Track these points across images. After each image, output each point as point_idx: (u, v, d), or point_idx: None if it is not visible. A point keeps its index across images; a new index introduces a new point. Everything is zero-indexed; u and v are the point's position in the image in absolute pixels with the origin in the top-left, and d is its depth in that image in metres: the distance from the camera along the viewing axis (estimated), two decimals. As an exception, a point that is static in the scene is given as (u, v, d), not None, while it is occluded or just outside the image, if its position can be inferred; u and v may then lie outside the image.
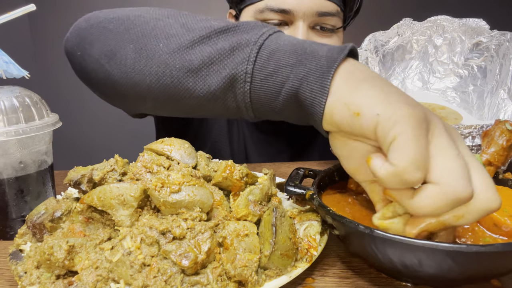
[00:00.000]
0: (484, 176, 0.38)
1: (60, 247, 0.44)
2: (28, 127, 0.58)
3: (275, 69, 0.46)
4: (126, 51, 0.55)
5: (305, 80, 0.44)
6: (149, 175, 0.53)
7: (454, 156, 0.37)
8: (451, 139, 0.38)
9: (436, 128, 0.38)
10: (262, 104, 0.49)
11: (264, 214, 0.51)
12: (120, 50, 0.56)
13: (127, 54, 0.55)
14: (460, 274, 0.41)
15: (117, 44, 0.56)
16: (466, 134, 0.68)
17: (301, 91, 0.45)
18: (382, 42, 0.99)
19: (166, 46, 0.52)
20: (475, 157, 0.42)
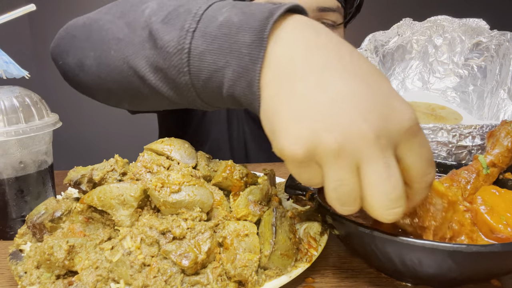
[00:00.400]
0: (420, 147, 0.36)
1: (60, 247, 0.44)
2: (28, 127, 0.58)
3: (208, 76, 0.44)
4: (90, 60, 0.56)
5: (237, 85, 0.41)
6: (149, 175, 0.53)
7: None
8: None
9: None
10: (213, 103, 0.49)
11: (264, 214, 0.51)
12: (85, 59, 0.57)
13: (91, 63, 0.56)
14: (460, 274, 0.41)
15: (82, 53, 0.58)
16: (466, 134, 0.68)
17: (237, 96, 0.42)
18: (382, 42, 0.99)
19: (117, 53, 0.52)
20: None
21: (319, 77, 0.36)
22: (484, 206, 0.47)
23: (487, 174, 0.57)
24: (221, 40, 0.42)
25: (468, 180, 0.57)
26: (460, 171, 0.58)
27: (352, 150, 0.33)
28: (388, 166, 0.34)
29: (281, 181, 0.72)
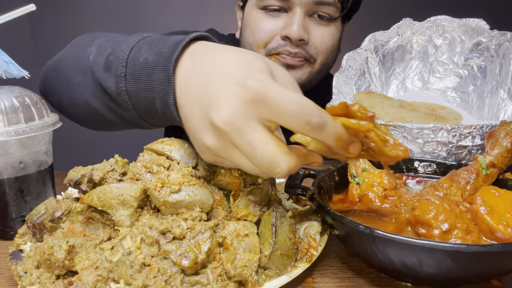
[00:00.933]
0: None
1: (60, 247, 0.44)
2: (28, 127, 0.58)
3: (147, 108, 0.55)
4: (65, 101, 0.67)
5: (166, 112, 0.53)
6: (149, 175, 0.53)
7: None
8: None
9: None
10: (163, 125, 0.61)
11: (264, 214, 0.51)
12: (62, 101, 0.68)
13: (67, 104, 0.68)
14: (460, 274, 0.41)
15: (59, 96, 0.69)
16: (466, 134, 0.68)
17: (170, 119, 0.53)
18: (382, 42, 0.99)
19: (81, 96, 0.63)
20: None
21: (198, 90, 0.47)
22: (484, 206, 0.47)
23: (486, 175, 0.57)
24: (145, 79, 0.53)
25: (467, 180, 0.57)
26: (459, 172, 0.58)
27: (221, 137, 0.42)
28: (250, 143, 0.40)
29: (281, 181, 0.72)
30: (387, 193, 0.56)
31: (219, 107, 0.42)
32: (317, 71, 1.01)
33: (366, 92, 0.89)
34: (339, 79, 0.94)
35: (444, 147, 0.68)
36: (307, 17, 0.94)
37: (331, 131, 0.40)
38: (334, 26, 0.97)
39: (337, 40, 1.00)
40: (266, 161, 0.41)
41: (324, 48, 0.97)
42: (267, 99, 0.40)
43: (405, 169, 0.66)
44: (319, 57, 0.98)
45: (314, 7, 0.92)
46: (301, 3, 0.91)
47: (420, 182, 0.64)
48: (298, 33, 0.91)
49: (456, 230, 0.45)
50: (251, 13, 0.99)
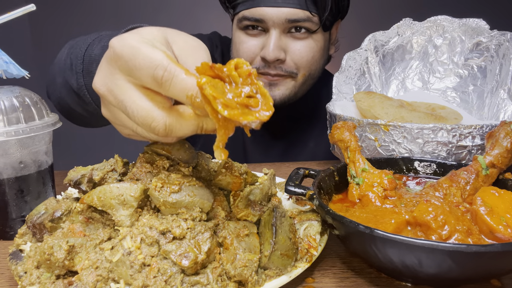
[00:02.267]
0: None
1: (60, 247, 0.44)
2: (28, 127, 0.58)
3: None
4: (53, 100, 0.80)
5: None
6: (149, 175, 0.53)
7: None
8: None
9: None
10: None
11: (264, 214, 0.51)
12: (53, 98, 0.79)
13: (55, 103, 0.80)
14: (460, 274, 0.41)
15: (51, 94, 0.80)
16: (466, 134, 0.68)
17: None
18: (382, 42, 0.99)
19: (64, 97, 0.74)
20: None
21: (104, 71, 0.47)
22: (484, 207, 0.47)
23: (486, 175, 0.57)
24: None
25: (467, 180, 0.56)
26: (459, 172, 0.57)
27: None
28: (122, 101, 0.42)
29: (281, 181, 0.72)
30: (387, 193, 0.56)
31: (96, 74, 0.45)
32: (301, 84, 1.02)
33: (366, 92, 0.89)
34: (339, 79, 0.94)
35: (444, 147, 0.68)
36: (283, 36, 0.95)
37: (179, 87, 0.39)
38: (312, 40, 0.97)
39: (318, 51, 1.00)
40: (140, 116, 0.41)
41: (303, 62, 0.98)
42: (123, 52, 0.40)
43: (405, 169, 0.66)
44: (300, 71, 0.99)
45: (289, 25, 0.93)
46: (275, 24, 0.92)
47: (419, 183, 0.64)
48: (273, 54, 0.93)
49: (457, 234, 0.45)
50: (235, 33, 1.01)
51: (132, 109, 0.42)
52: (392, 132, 0.70)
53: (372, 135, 0.73)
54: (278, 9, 0.91)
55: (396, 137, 0.70)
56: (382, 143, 0.72)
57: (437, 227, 0.45)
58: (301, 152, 1.14)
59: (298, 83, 1.01)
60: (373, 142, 0.73)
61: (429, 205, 0.48)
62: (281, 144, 1.14)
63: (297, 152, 1.14)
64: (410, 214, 0.48)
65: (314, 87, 1.12)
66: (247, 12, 0.94)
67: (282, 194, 0.66)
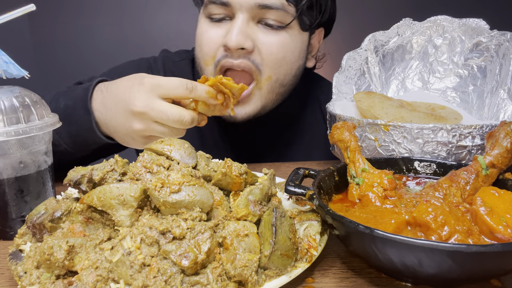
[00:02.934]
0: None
1: (60, 247, 0.44)
2: (28, 127, 0.58)
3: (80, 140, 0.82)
4: None
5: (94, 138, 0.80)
6: (149, 175, 0.53)
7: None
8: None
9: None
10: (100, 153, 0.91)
11: (264, 214, 0.51)
12: None
13: None
14: (460, 274, 0.41)
15: None
16: (466, 134, 0.68)
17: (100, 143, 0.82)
18: (382, 42, 0.99)
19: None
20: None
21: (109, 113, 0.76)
22: (484, 207, 0.47)
23: (486, 175, 0.57)
24: (69, 118, 0.75)
25: (467, 181, 0.56)
26: (459, 172, 0.57)
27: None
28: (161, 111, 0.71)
29: (281, 181, 0.72)
30: (387, 193, 0.56)
31: (134, 101, 0.70)
32: (267, 92, 0.89)
33: (366, 92, 0.89)
34: (339, 79, 0.94)
35: (444, 147, 0.68)
36: (253, 24, 0.84)
37: (201, 89, 0.71)
38: (286, 34, 0.85)
39: (292, 52, 0.87)
40: (175, 116, 0.70)
41: (272, 60, 0.85)
42: (160, 83, 0.71)
43: (405, 169, 0.66)
44: (266, 70, 0.86)
45: (259, 12, 0.81)
46: (242, 8, 0.81)
47: (419, 184, 0.64)
48: (237, 40, 0.80)
49: (457, 234, 0.45)
50: (199, 22, 0.91)
51: (169, 113, 0.70)
52: (392, 132, 0.70)
53: (372, 135, 0.73)
54: None
55: (396, 137, 0.70)
56: (382, 143, 0.72)
57: (436, 228, 0.45)
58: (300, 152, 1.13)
59: (263, 92, 0.88)
60: (373, 142, 0.73)
61: (429, 205, 0.48)
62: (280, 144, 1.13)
63: (297, 152, 1.13)
64: (410, 214, 0.48)
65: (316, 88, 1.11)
66: None
67: (282, 194, 0.66)
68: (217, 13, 0.86)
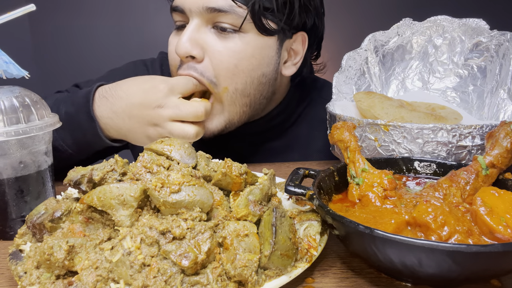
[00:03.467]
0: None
1: (60, 247, 0.44)
2: (28, 127, 0.58)
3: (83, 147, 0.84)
4: None
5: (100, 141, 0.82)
6: (149, 175, 0.53)
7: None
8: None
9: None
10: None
11: (264, 214, 0.51)
12: None
13: None
14: (460, 274, 0.41)
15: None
16: (466, 134, 0.68)
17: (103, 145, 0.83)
18: (382, 42, 0.99)
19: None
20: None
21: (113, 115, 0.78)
22: (484, 207, 0.47)
23: (486, 175, 0.57)
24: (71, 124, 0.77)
25: (467, 181, 0.56)
26: (459, 172, 0.57)
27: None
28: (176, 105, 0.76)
29: (281, 181, 0.72)
30: (387, 193, 0.56)
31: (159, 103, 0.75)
32: (229, 104, 0.82)
33: (366, 92, 0.89)
34: (339, 79, 0.94)
35: (444, 147, 0.68)
36: (205, 29, 0.79)
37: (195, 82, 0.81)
38: (239, 40, 0.78)
39: (246, 59, 0.79)
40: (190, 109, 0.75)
41: (223, 68, 0.78)
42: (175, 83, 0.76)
43: (405, 170, 0.66)
44: (220, 81, 0.79)
45: (211, 16, 0.76)
46: (191, 13, 0.77)
47: (419, 184, 0.64)
48: (183, 47, 0.76)
49: (457, 235, 0.45)
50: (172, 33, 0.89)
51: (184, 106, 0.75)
52: (392, 132, 0.70)
53: (372, 135, 0.73)
54: None
55: (396, 137, 0.70)
56: (382, 143, 0.72)
57: (436, 228, 0.45)
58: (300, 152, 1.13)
59: (225, 105, 0.82)
60: (373, 142, 0.73)
61: (429, 206, 0.48)
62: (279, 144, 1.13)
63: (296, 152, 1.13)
64: (410, 215, 0.48)
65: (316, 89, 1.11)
66: (173, 2, 0.82)
67: (282, 194, 0.66)
68: (177, 20, 0.83)
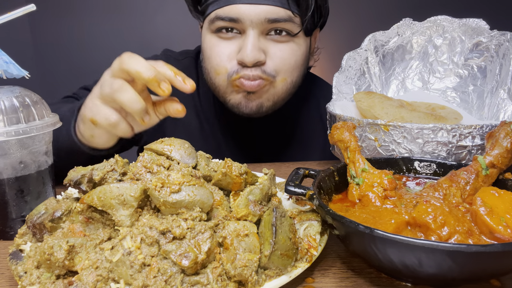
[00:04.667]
0: None
1: (60, 247, 0.44)
2: (28, 127, 0.58)
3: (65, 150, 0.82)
4: None
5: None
6: (149, 175, 0.53)
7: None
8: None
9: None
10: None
11: (264, 214, 0.51)
12: None
13: None
14: (460, 274, 0.41)
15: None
16: (466, 134, 0.68)
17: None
18: (382, 42, 0.99)
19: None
20: None
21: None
22: (484, 207, 0.47)
23: (486, 175, 0.57)
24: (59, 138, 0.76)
25: (467, 181, 0.56)
26: (459, 172, 0.57)
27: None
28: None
29: (281, 181, 0.72)
30: (387, 193, 0.56)
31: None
32: (281, 92, 0.94)
33: (366, 92, 0.89)
34: (339, 79, 0.94)
35: (444, 147, 0.68)
36: (262, 37, 0.87)
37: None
38: (293, 43, 0.90)
39: (300, 56, 0.92)
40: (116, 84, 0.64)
41: (285, 65, 0.90)
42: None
43: (405, 170, 0.66)
44: (280, 75, 0.90)
45: (268, 25, 0.85)
46: (252, 24, 0.84)
47: (419, 184, 0.64)
48: (252, 56, 0.84)
49: (457, 235, 0.45)
50: (205, 37, 0.93)
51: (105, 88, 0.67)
52: (392, 132, 0.70)
53: (372, 135, 0.73)
54: (256, 6, 0.82)
55: (396, 137, 0.70)
56: (382, 143, 0.72)
57: (436, 228, 0.45)
58: (299, 152, 1.13)
59: (277, 91, 0.93)
60: (373, 142, 0.73)
61: (429, 206, 0.48)
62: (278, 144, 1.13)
63: (295, 152, 1.13)
64: (409, 215, 0.48)
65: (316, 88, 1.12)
66: (221, 11, 0.85)
67: (282, 194, 0.66)
68: (226, 27, 0.88)
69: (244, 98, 0.92)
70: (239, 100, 0.92)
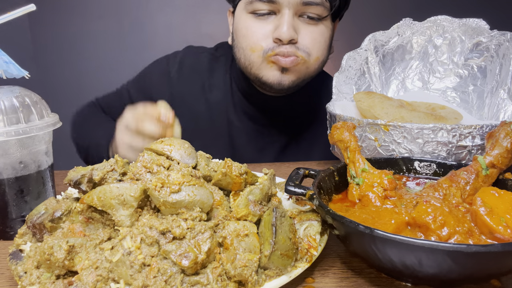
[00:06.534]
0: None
1: (60, 247, 0.44)
2: (28, 127, 0.58)
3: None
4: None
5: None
6: (149, 175, 0.53)
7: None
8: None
9: None
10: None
11: (264, 214, 0.51)
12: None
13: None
14: (460, 274, 0.41)
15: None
16: (466, 134, 0.68)
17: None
18: (382, 42, 0.99)
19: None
20: None
21: None
22: (484, 207, 0.47)
23: (486, 175, 0.57)
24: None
25: (467, 181, 0.56)
26: (459, 172, 0.57)
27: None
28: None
29: (281, 181, 0.72)
30: (387, 193, 0.56)
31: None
32: (314, 70, 1.01)
33: (366, 92, 0.89)
34: (339, 79, 0.94)
35: (444, 147, 0.68)
36: (296, 18, 0.95)
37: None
38: (323, 25, 0.98)
39: (328, 38, 1.00)
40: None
41: (316, 45, 0.98)
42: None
43: (405, 170, 0.66)
44: (313, 53, 0.98)
45: (302, 7, 0.93)
46: (289, 4, 0.92)
47: (419, 184, 0.64)
48: (288, 33, 0.92)
49: (457, 235, 0.45)
50: (241, 18, 1.00)
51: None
52: (392, 132, 0.70)
53: (372, 135, 0.73)
54: None
55: (396, 137, 0.70)
56: (382, 143, 0.72)
57: (436, 228, 0.45)
58: (299, 152, 1.14)
59: (310, 71, 1.00)
60: (373, 142, 0.73)
61: (428, 206, 0.48)
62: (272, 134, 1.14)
63: (296, 152, 1.14)
64: (409, 215, 0.48)
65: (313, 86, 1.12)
66: None
67: (282, 194, 0.66)
68: (261, 9, 0.97)
69: (279, 74, 0.98)
70: (273, 76, 0.98)
